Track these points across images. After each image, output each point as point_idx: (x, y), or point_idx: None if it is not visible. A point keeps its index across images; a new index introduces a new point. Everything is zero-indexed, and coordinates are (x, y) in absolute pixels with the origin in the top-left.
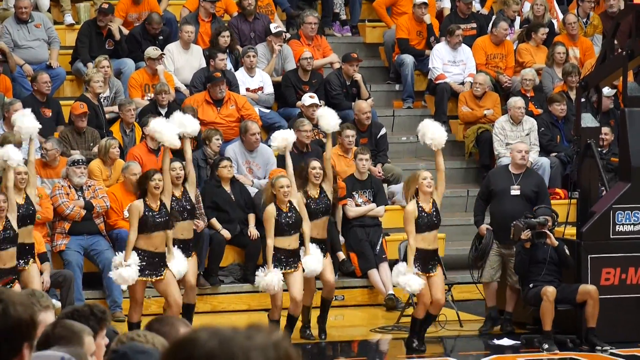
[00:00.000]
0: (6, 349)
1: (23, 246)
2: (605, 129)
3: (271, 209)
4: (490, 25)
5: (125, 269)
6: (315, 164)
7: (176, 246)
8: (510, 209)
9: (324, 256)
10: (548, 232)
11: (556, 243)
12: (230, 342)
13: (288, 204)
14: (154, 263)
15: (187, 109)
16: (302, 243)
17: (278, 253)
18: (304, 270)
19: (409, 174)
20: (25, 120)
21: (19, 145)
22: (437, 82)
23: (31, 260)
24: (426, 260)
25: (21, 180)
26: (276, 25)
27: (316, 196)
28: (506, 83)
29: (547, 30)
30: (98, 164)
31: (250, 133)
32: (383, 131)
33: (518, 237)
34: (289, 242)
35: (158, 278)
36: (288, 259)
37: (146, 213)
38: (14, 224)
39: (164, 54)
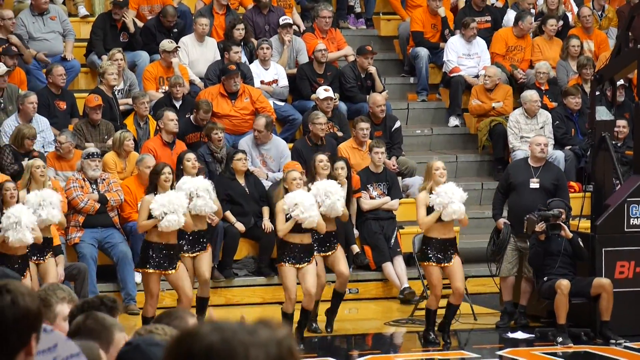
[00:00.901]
0: (15, 340)
1: (43, 240)
2: (621, 122)
3: (281, 207)
4: (514, 18)
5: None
6: (322, 157)
7: (190, 237)
8: (529, 202)
9: (335, 248)
10: (562, 224)
11: (570, 235)
12: (232, 337)
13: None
14: (167, 256)
15: (202, 103)
16: (314, 235)
17: (290, 248)
18: (317, 263)
19: (423, 166)
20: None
21: (33, 137)
22: (452, 75)
23: (49, 254)
24: (442, 250)
25: (41, 173)
26: (284, 17)
27: None
28: (521, 79)
29: (556, 22)
30: (113, 157)
31: (253, 128)
32: (398, 124)
33: (532, 230)
34: (301, 237)
35: (171, 271)
36: (301, 254)
37: None
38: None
39: (178, 47)
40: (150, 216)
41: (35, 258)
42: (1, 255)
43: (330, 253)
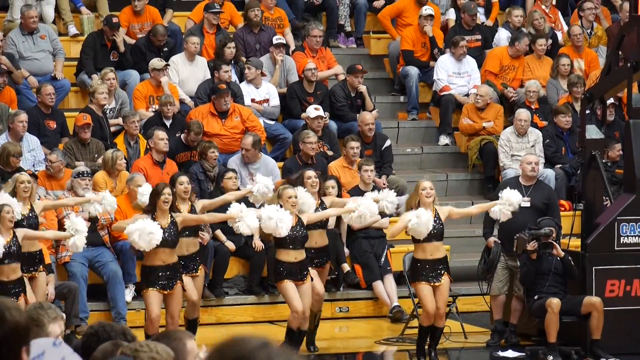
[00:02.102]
0: (6, 354)
1: (30, 255)
2: (618, 146)
3: None
4: (510, 39)
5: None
6: (310, 173)
7: (182, 262)
8: (520, 221)
9: (323, 266)
10: (554, 242)
11: (562, 254)
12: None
13: (296, 218)
14: (164, 276)
15: (193, 124)
16: (308, 252)
17: (284, 266)
18: (312, 280)
19: (413, 185)
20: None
21: (19, 155)
22: (442, 93)
23: (40, 267)
24: (433, 270)
25: (24, 189)
26: (278, 37)
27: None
28: (512, 97)
29: (545, 41)
30: (103, 176)
31: (241, 146)
32: (388, 143)
33: (522, 249)
34: (295, 255)
35: (170, 291)
36: (295, 271)
37: None
38: (20, 241)
39: (168, 65)
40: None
41: (26, 271)
42: None
43: (322, 268)
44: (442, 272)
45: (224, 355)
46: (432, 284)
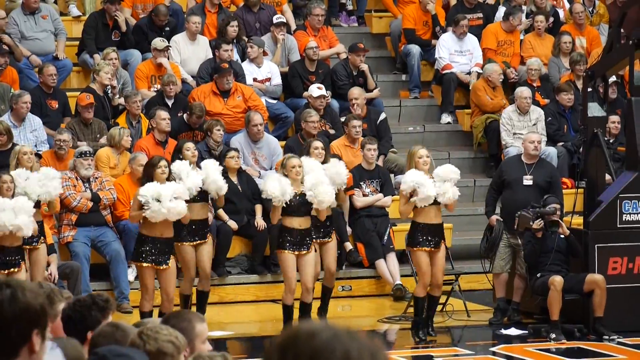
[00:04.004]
0: (14, 335)
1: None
2: (613, 118)
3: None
4: (504, 13)
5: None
6: (318, 143)
7: (193, 226)
8: (522, 199)
9: (330, 237)
10: (560, 221)
11: (568, 232)
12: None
13: (300, 186)
14: (159, 250)
15: (195, 107)
16: (314, 221)
17: (289, 234)
18: (316, 250)
19: None
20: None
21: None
22: (444, 72)
23: (41, 238)
24: (430, 235)
25: (28, 160)
26: (278, 16)
27: None
28: (513, 78)
29: (544, 19)
30: (107, 152)
31: (252, 124)
32: (382, 116)
33: (524, 227)
34: (300, 222)
35: (163, 267)
36: (299, 240)
37: None
38: None
39: (169, 46)
40: (142, 207)
41: (27, 243)
42: None
43: (327, 240)
44: (440, 239)
45: (297, 351)
46: (430, 249)
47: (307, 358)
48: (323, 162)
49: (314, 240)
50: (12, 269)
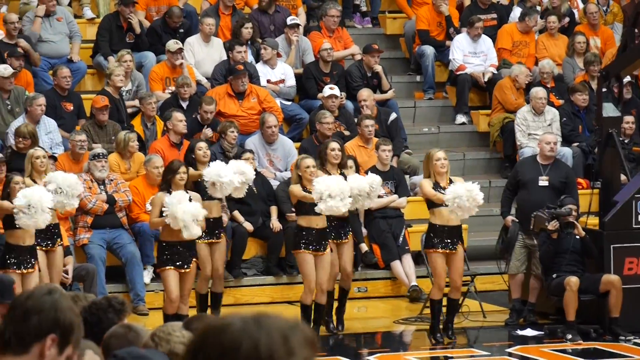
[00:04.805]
0: (32, 326)
1: (51, 227)
2: (628, 118)
3: (297, 188)
4: (520, 14)
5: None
6: (334, 145)
7: (207, 224)
8: (538, 199)
9: (347, 237)
10: (575, 222)
11: (583, 233)
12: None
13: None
14: (180, 254)
15: (206, 99)
16: (330, 220)
17: (306, 233)
18: (332, 251)
19: None
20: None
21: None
22: (458, 73)
23: (58, 240)
24: (448, 237)
25: (40, 164)
26: (292, 18)
27: None
28: (529, 80)
29: (557, 19)
30: (115, 158)
31: (267, 126)
32: (393, 116)
33: (539, 227)
34: (317, 221)
35: (185, 270)
36: (317, 239)
37: None
38: None
39: (181, 48)
40: (163, 213)
41: (44, 245)
42: (10, 246)
43: (343, 240)
44: (457, 240)
45: (207, 352)
46: (447, 251)
47: (217, 357)
48: (340, 164)
49: (330, 240)
50: (26, 269)
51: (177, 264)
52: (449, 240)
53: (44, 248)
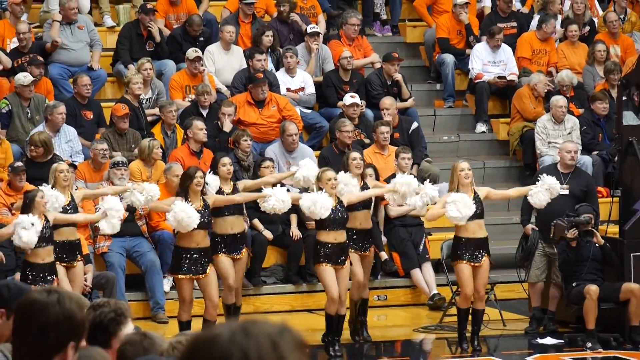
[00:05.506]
0: (52, 339)
1: (69, 244)
2: None
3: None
4: (537, 21)
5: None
6: (356, 154)
7: (228, 239)
8: (558, 208)
9: (367, 250)
10: (594, 230)
11: (602, 241)
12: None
13: (336, 200)
14: (195, 260)
15: (225, 102)
16: (349, 233)
17: (325, 247)
18: (351, 264)
19: (447, 173)
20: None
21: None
22: (477, 81)
23: (78, 257)
24: (474, 249)
25: (64, 178)
26: (312, 26)
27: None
28: (548, 89)
29: (578, 28)
30: (138, 165)
31: (287, 134)
32: (415, 125)
33: (559, 236)
34: (335, 235)
35: (202, 275)
36: (336, 253)
37: None
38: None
39: (199, 56)
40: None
41: (65, 261)
42: (29, 263)
43: (365, 253)
44: (483, 252)
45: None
46: (472, 264)
47: None
48: (361, 174)
49: (356, 251)
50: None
51: (192, 269)
52: (475, 253)
53: (64, 264)
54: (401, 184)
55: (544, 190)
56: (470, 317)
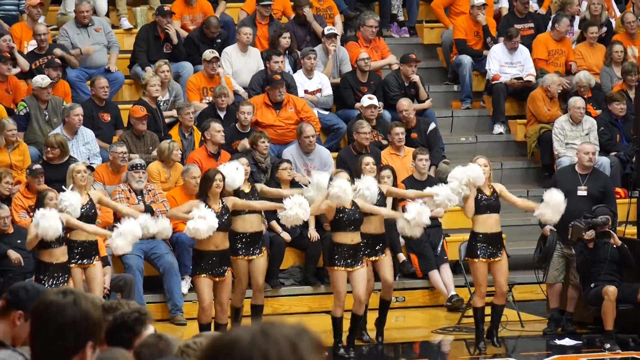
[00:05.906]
0: (70, 341)
1: (86, 245)
2: None
3: (333, 205)
4: (551, 22)
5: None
6: (369, 159)
7: (247, 239)
8: (576, 209)
9: (383, 253)
10: (611, 231)
11: (619, 242)
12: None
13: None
14: (214, 262)
15: (244, 102)
16: (365, 237)
17: (340, 248)
18: (367, 266)
19: None
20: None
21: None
22: (494, 82)
23: (95, 257)
24: (490, 245)
25: (81, 178)
26: (329, 27)
27: None
28: (566, 89)
29: (597, 29)
30: (157, 166)
31: (304, 136)
32: (432, 126)
33: (577, 237)
34: (352, 237)
35: (220, 278)
36: (351, 255)
37: None
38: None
39: (216, 57)
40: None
41: (81, 262)
42: (43, 264)
43: (378, 258)
44: (501, 247)
45: None
46: (490, 259)
47: None
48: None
49: (367, 258)
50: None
51: (211, 271)
52: (491, 248)
53: (81, 265)
54: (414, 212)
55: (550, 212)
56: (490, 314)
